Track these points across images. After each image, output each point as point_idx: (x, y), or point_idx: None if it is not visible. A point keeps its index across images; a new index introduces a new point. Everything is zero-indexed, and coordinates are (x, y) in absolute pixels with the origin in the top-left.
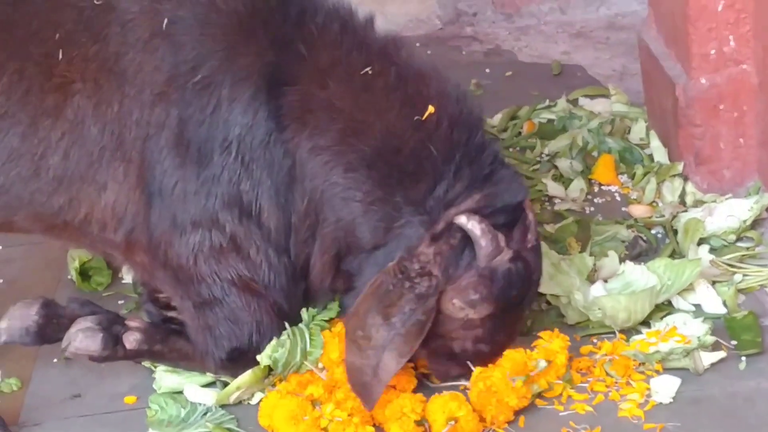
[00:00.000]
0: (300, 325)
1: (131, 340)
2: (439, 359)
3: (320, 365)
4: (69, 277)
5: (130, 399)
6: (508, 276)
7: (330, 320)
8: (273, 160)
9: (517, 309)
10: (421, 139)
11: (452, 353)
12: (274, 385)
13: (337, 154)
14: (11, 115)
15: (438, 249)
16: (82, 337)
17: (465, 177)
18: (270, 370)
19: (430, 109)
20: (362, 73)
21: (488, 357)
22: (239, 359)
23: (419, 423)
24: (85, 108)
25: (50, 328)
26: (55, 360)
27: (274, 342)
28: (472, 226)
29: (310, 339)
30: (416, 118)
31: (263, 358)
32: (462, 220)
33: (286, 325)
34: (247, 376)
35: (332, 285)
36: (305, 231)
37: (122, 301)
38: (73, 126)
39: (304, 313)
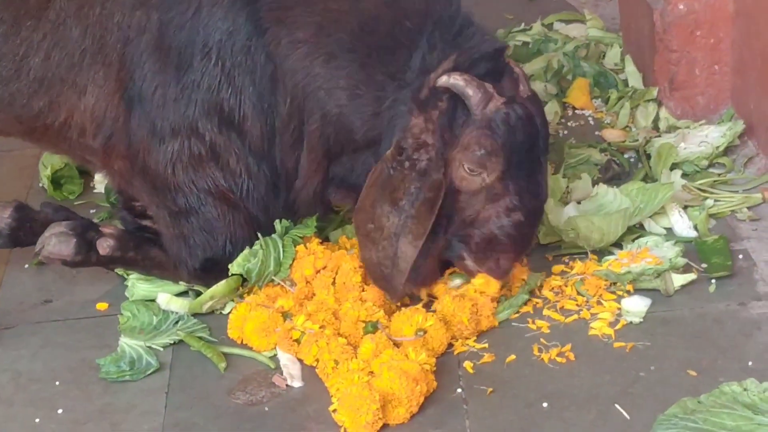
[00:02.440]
0: (273, 236)
1: (105, 246)
2: (487, 254)
3: (288, 282)
4: (40, 185)
5: (101, 305)
6: (506, 120)
7: (304, 237)
8: (255, 66)
9: (533, 158)
10: (395, 15)
11: (494, 239)
12: (242, 297)
13: (316, 45)
14: None
15: (428, 116)
16: (56, 242)
17: (439, 42)
18: (243, 280)
19: None
20: None
21: (527, 226)
22: (212, 269)
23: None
24: (67, 9)
25: (23, 232)
26: (26, 265)
27: (246, 251)
28: (455, 80)
29: (283, 250)
30: None
31: (234, 267)
32: (443, 79)
33: (259, 235)
34: (221, 286)
35: (323, 195)
36: (291, 134)
37: (93, 210)
38: (55, 27)
39: (278, 224)
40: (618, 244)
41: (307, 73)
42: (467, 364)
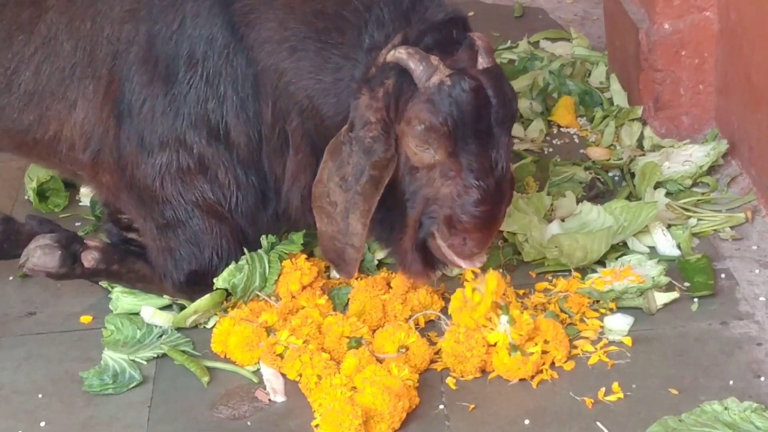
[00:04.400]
0: (259, 251)
1: (89, 258)
2: (453, 234)
3: (272, 297)
4: (26, 197)
5: (85, 318)
6: (450, 92)
7: (290, 253)
8: (236, 72)
9: (486, 136)
10: None
11: (456, 218)
12: (226, 311)
13: (279, 41)
14: None
15: (373, 94)
16: (41, 254)
17: (388, 17)
18: (228, 294)
19: None
20: None
21: (490, 204)
22: (198, 282)
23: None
24: (58, 23)
25: (7, 244)
26: (11, 278)
27: (232, 266)
28: (399, 54)
29: (269, 265)
30: None
31: (219, 281)
32: (390, 54)
33: (245, 250)
34: (205, 300)
35: (311, 198)
36: (277, 138)
37: (79, 223)
38: (47, 41)
39: (264, 240)
40: (601, 262)
41: (277, 71)
42: (450, 381)
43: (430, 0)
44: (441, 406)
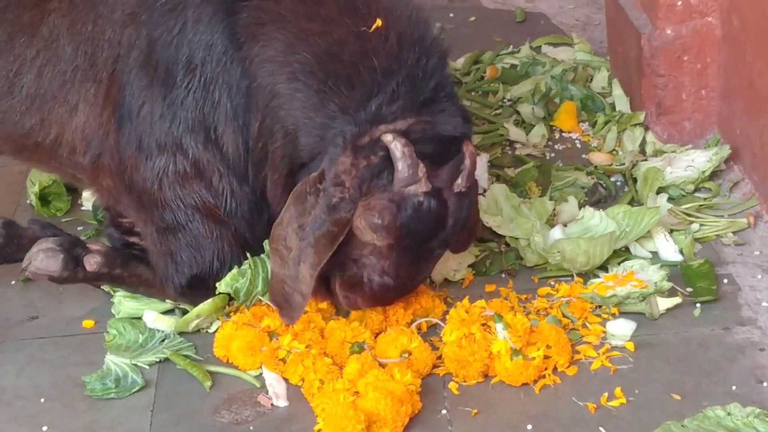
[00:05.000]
0: (262, 255)
1: (92, 262)
2: (351, 288)
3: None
4: (28, 201)
5: (88, 323)
6: (417, 209)
7: None
8: (231, 80)
9: (424, 250)
10: (364, 49)
11: (361, 284)
12: (228, 315)
13: (282, 64)
14: None
15: (356, 161)
16: (43, 257)
17: (403, 97)
18: (230, 298)
19: (378, 22)
20: None
21: (392, 293)
22: (199, 286)
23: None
24: (60, 26)
25: (10, 248)
26: (13, 282)
27: (234, 271)
28: (395, 146)
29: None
30: (363, 29)
31: (222, 286)
32: (387, 138)
33: (248, 255)
34: (207, 305)
35: None
36: (259, 152)
37: (81, 228)
38: (48, 44)
39: (266, 245)
40: (604, 267)
41: (272, 92)
42: (452, 386)
43: (446, 102)
44: (444, 411)
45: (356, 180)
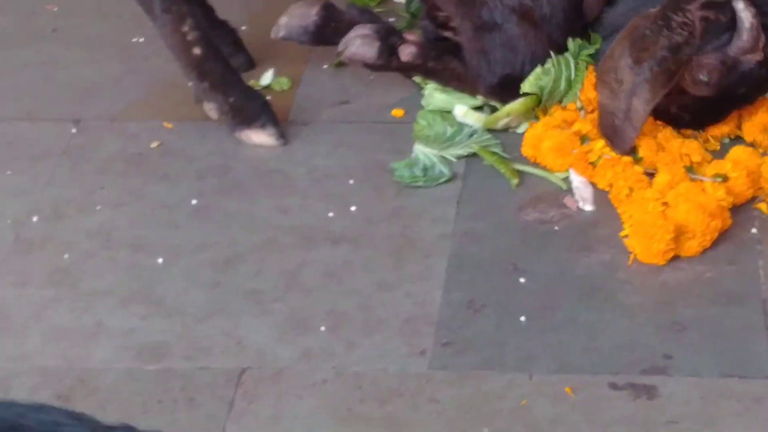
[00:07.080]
0: (566, 54)
1: (407, 52)
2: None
3: (579, 104)
4: None
5: (397, 112)
6: (747, 76)
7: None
8: None
9: (731, 103)
10: None
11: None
12: (537, 119)
13: None
14: None
15: (706, 14)
16: (360, 43)
17: None
18: (539, 101)
19: None
20: None
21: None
22: (509, 86)
23: (688, 168)
24: None
25: (328, 31)
26: (325, 66)
27: (538, 70)
28: (745, 15)
29: (575, 71)
30: None
31: (526, 86)
32: (739, 5)
33: (552, 54)
34: (517, 104)
35: None
36: None
37: (393, 19)
38: None
39: (571, 43)
40: None
41: None
42: (762, 206)
43: None
44: (753, 230)
45: (702, 30)
